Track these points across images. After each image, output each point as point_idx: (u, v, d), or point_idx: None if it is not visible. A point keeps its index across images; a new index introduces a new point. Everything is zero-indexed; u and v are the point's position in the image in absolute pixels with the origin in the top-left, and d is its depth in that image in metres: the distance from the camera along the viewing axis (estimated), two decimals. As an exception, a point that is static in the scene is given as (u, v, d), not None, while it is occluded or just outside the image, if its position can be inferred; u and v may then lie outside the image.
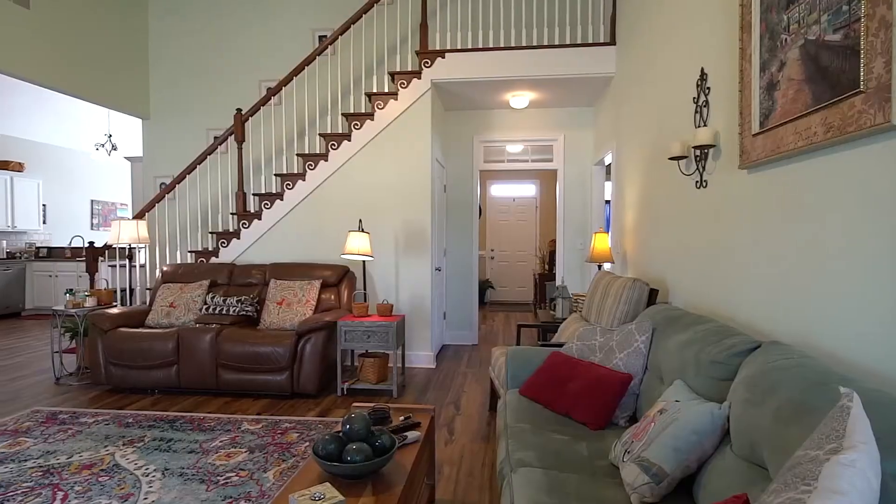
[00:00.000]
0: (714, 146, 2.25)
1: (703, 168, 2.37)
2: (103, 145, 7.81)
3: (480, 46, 4.51)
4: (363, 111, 4.61)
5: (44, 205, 8.09)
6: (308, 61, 4.60)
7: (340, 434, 1.68)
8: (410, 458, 1.77)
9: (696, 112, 2.47)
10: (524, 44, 4.55)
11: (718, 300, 2.20)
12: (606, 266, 4.27)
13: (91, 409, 3.41)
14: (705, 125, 2.37)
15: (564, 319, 3.73)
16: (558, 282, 5.43)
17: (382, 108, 4.50)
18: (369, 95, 4.55)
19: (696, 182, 2.45)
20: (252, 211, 4.74)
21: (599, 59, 4.32)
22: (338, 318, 3.77)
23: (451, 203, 5.53)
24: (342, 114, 4.70)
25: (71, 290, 4.12)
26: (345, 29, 4.52)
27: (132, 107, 5.53)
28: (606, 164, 5.03)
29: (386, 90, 4.66)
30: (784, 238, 1.70)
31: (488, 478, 2.49)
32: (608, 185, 5.25)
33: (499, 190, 8.97)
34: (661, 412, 1.53)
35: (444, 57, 4.46)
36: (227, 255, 4.67)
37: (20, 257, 7.54)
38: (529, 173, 8.76)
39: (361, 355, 3.87)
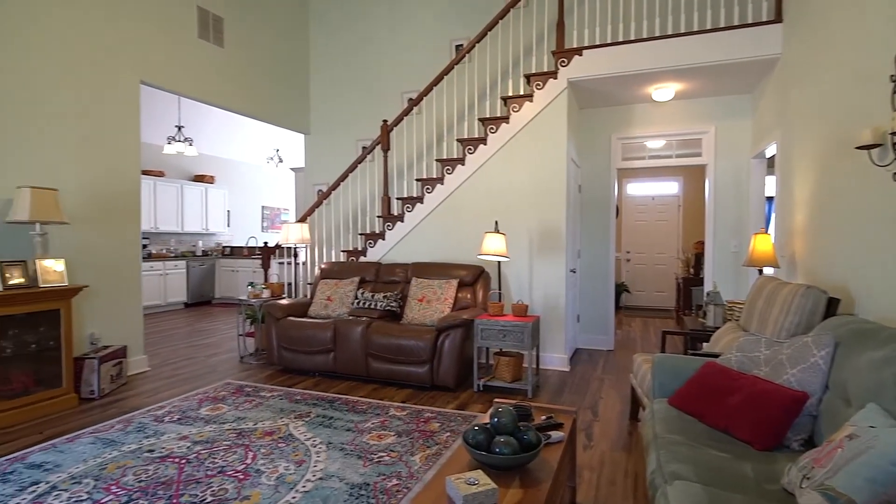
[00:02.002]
0: (921, 131, 1.90)
1: (905, 158, 2.02)
2: (272, 158, 9.03)
3: (621, 40, 4.33)
4: (498, 115, 4.71)
5: (228, 210, 9.60)
6: (446, 71, 4.83)
7: (488, 426, 1.76)
8: (555, 458, 1.79)
9: (894, 92, 2.10)
10: (670, 32, 4.25)
11: (926, 314, 1.86)
12: (769, 271, 3.82)
13: (267, 385, 3.98)
14: (908, 107, 2.01)
15: (717, 328, 3.42)
16: (707, 287, 4.97)
17: (518, 111, 4.55)
18: (504, 99, 4.64)
19: (895, 174, 2.09)
20: (395, 214, 5.11)
21: (761, 40, 3.87)
22: (474, 317, 3.91)
23: (585, 203, 5.39)
24: (478, 118, 4.85)
25: (252, 283, 4.86)
26: (481, 36, 4.66)
27: (296, 124, 6.32)
28: (768, 156, 4.48)
29: (521, 93, 4.70)
30: None
31: (632, 488, 2.40)
32: (770, 180, 4.67)
33: (636, 188, 8.47)
34: (851, 438, 1.35)
35: (581, 54, 4.36)
36: (374, 254, 5.10)
37: (211, 255, 9.05)
38: (672, 170, 8.13)
39: (496, 353, 3.96)
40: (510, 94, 4.76)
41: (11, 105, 3.44)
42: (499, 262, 4.20)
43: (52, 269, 3.44)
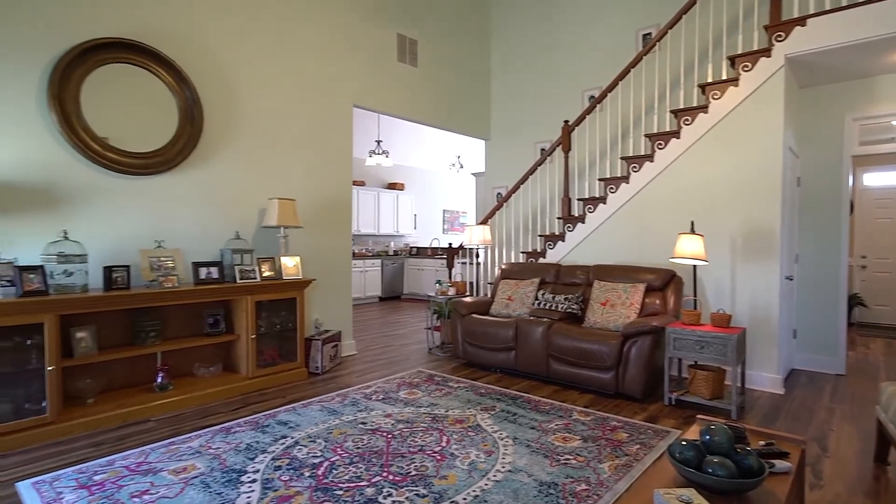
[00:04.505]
0: None
1: None
2: (454, 165, 9.63)
3: (861, 0, 3.57)
4: (694, 105, 4.28)
5: (415, 214, 10.55)
6: (634, 63, 4.58)
7: (697, 443, 1.63)
8: (782, 490, 1.57)
9: None
10: (939, -21, 3.36)
11: None
12: None
13: (454, 376, 4.27)
14: None
15: None
16: None
17: (719, 98, 4.08)
18: (702, 86, 4.20)
19: None
20: (576, 215, 5.02)
21: None
22: (665, 324, 3.63)
23: (806, 198, 4.57)
24: (670, 110, 4.48)
25: (439, 281, 5.26)
26: (675, 20, 4.30)
27: (478, 131, 6.65)
28: None
29: (723, 77, 4.21)
30: None
31: (883, 545, 1.97)
32: None
33: (877, 179, 6.87)
34: None
35: (803, 24, 3.72)
36: (553, 255, 5.09)
37: (400, 254, 10.05)
38: (934, 153, 6.38)
39: (691, 366, 3.61)
40: (709, 80, 4.29)
41: (266, 136, 4.33)
42: (694, 266, 3.82)
43: (290, 264, 4.21)
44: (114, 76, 3.45)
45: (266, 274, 4.03)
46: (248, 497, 2.26)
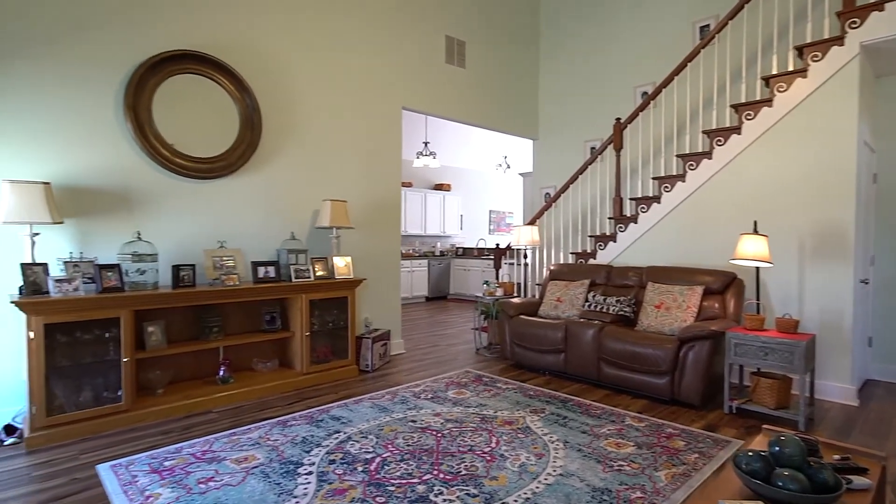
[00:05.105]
0: None
1: None
2: (500, 165, 9.59)
3: (950, -21, 3.28)
4: (757, 98, 4.07)
5: (461, 215, 10.58)
6: (690, 57, 4.41)
7: (765, 454, 1.55)
8: (861, 508, 1.47)
9: None
10: None
11: None
12: None
13: (502, 377, 4.25)
14: None
15: None
16: None
17: (784, 91, 3.86)
18: (766, 79, 3.99)
19: None
20: (628, 215, 4.88)
21: None
22: (725, 329, 3.47)
23: (883, 196, 4.25)
24: (730, 105, 4.28)
25: (487, 281, 5.25)
26: (737, 9, 4.10)
27: (526, 131, 6.58)
28: None
29: (789, 69, 3.97)
30: None
31: (977, 574, 1.80)
32: None
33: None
34: None
35: (881, 9, 3.46)
36: (604, 256, 4.97)
37: (447, 255, 10.10)
38: None
39: (754, 374, 3.44)
40: (773, 72, 4.07)
41: (319, 140, 4.47)
42: (757, 268, 3.63)
43: (342, 264, 4.32)
44: (181, 86, 3.66)
45: (319, 273, 4.16)
46: (305, 489, 2.34)
